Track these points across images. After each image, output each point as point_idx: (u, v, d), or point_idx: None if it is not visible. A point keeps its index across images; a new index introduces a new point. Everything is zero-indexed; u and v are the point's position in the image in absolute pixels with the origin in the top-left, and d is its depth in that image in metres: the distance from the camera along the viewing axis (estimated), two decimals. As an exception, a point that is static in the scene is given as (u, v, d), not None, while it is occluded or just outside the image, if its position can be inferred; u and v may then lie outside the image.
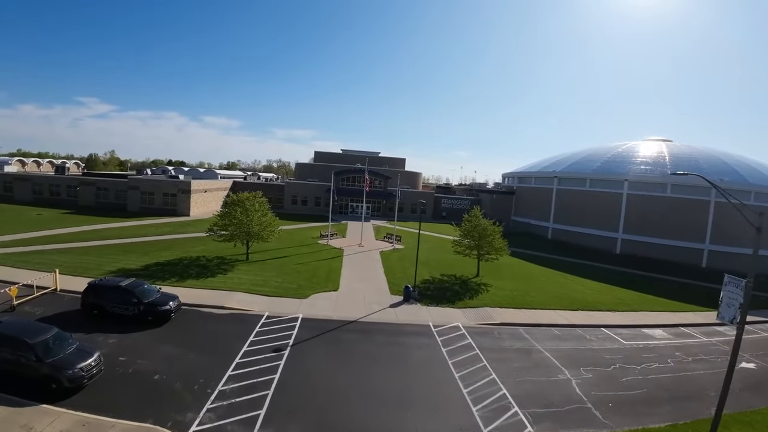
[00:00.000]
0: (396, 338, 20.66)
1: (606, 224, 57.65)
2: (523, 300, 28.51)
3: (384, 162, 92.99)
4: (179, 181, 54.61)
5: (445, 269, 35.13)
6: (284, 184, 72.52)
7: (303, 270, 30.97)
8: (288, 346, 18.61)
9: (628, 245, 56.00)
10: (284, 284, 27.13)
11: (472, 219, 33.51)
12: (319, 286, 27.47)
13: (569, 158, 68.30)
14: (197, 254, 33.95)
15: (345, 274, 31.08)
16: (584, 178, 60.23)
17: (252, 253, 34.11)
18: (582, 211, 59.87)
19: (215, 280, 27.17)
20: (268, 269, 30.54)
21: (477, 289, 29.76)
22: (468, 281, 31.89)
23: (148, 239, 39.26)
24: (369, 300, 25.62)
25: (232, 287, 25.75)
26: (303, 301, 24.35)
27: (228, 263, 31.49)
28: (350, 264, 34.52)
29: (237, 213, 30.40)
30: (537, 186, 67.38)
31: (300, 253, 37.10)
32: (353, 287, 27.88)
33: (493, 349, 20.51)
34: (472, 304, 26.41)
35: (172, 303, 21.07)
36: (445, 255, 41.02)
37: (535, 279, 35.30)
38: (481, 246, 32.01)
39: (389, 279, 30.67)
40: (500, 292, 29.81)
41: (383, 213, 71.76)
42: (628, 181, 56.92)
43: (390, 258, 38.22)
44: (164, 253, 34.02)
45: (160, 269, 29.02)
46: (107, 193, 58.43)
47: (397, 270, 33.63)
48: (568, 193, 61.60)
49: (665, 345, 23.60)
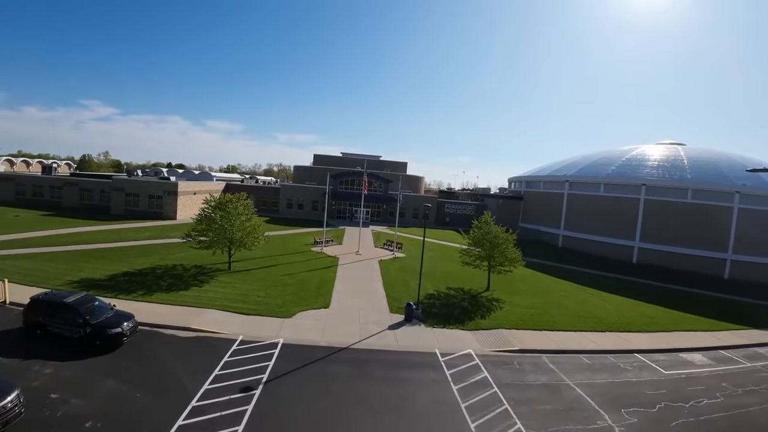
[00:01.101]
0: (396, 372, 16.91)
1: (621, 232, 53.97)
2: (543, 319, 24.79)
3: (385, 165, 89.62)
4: (165, 183, 51.13)
5: (451, 282, 31.43)
6: (279, 187, 69.03)
7: (290, 282, 27.26)
8: (260, 383, 14.90)
9: (645, 254, 52.35)
10: (266, 300, 23.43)
11: (483, 226, 29.83)
12: (307, 302, 23.77)
13: (580, 162, 64.72)
14: (174, 262, 30.37)
15: (338, 287, 27.37)
16: (598, 182, 56.54)
17: (235, 262, 30.48)
18: (595, 217, 56.19)
19: (187, 293, 23.54)
20: (251, 281, 26.86)
21: (489, 306, 26.03)
22: (478, 296, 28.16)
23: (125, 244, 35.75)
24: (365, 319, 21.90)
25: (205, 303, 22.11)
26: (286, 322, 20.62)
27: (206, 273, 27.86)
28: (345, 275, 30.83)
29: (217, 217, 26.83)
30: (546, 191, 63.67)
31: (290, 261, 33.41)
32: (347, 304, 24.18)
33: (515, 385, 16.78)
34: (484, 325, 22.68)
35: (126, 324, 17.48)
36: (450, 265, 37.36)
37: (551, 293, 31.60)
38: (492, 256, 28.29)
39: (389, 293, 26.95)
40: (515, 309, 26.09)
41: (383, 218, 68.12)
42: (645, 186, 53.35)
43: (390, 268, 34.54)
44: (139, 260, 30.49)
45: (128, 280, 25.47)
46: (91, 195, 54.99)
47: (397, 282, 29.93)
48: (581, 199, 57.91)
49: (709, 374, 20.28)
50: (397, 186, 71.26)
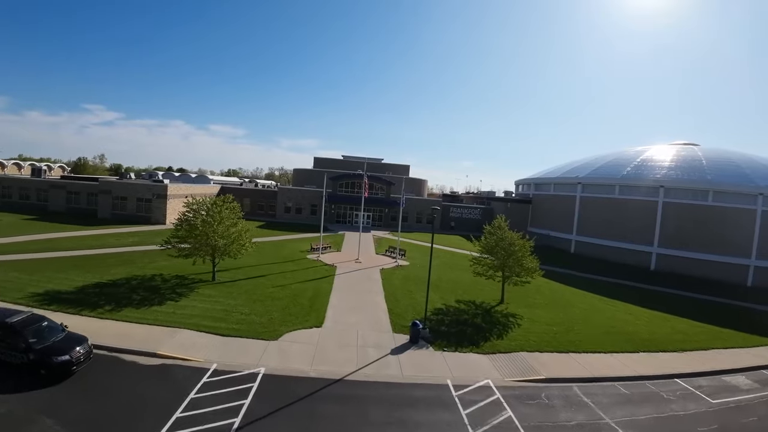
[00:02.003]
0: (400, 411, 13.79)
1: (639, 236, 50.82)
2: (567, 339, 21.70)
3: (387, 168, 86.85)
4: (154, 185, 48.30)
5: (461, 293, 28.35)
6: (276, 191, 66.19)
7: (280, 295, 24.21)
8: (231, 430, 11.88)
9: (664, 261, 49.24)
10: (251, 317, 20.38)
11: (496, 231, 26.78)
12: (298, 319, 20.69)
13: (591, 163, 61.63)
14: (154, 272, 27.48)
15: (334, 301, 24.28)
16: (612, 184, 53.45)
17: (221, 272, 27.55)
18: (610, 221, 53.05)
19: (161, 309, 20.58)
20: (236, 294, 23.83)
21: (505, 324, 22.94)
22: (492, 311, 25.07)
23: (105, 251, 32.94)
24: (363, 342, 18.81)
25: (179, 321, 19.13)
26: (271, 345, 17.57)
27: (187, 285, 24.91)
28: (342, 286, 27.74)
29: (198, 222, 23.91)
30: (557, 193, 60.57)
31: (282, 271, 30.36)
32: (343, 321, 21.10)
33: (546, 426, 13.71)
34: (502, 347, 19.57)
35: (78, 349, 14.60)
36: (458, 274, 34.31)
37: (571, 306, 28.53)
38: (507, 266, 25.21)
39: (391, 308, 23.84)
40: (535, 326, 23.00)
41: (385, 223, 65.11)
42: (663, 188, 50.27)
43: (392, 278, 31.41)
44: (115, 269, 27.65)
45: (97, 292, 22.59)
46: (78, 198, 52.37)
47: (401, 295, 26.83)
48: (594, 202, 54.80)
49: (759, 400, 17.59)
50: (399, 189, 68.34)
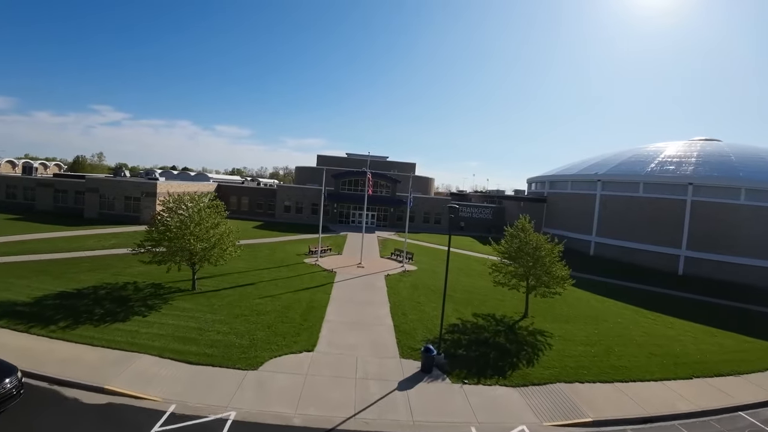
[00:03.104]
0: (411, 479, 10.34)
1: (665, 238, 46.86)
2: (609, 363, 18.04)
3: (392, 167, 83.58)
4: (143, 183, 45.16)
5: (478, 305, 24.72)
6: (276, 189, 62.91)
7: (269, 308, 20.70)
8: None
9: (693, 264, 45.26)
10: (229, 338, 16.90)
11: (519, 233, 23.15)
12: (286, 340, 17.13)
13: (610, 159, 57.65)
14: (128, 279, 24.23)
15: (331, 315, 20.67)
16: (636, 181, 49.48)
17: (204, 279, 24.23)
18: (633, 222, 49.12)
19: (124, 327, 17.24)
20: (216, 307, 20.39)
21: (533, 343, 19.30)
22: (515, 327, 21.42)
23: (80, 255, 29.85)
24: (364, 371, 15.24)
25: (141, 344, 15.76)
26: (249, 377, 14.07)
27: (161, 295, 21.58)
28: (341, 296, 24.13)
29: (172, 223, 20.57)
30: (575, 192, 56.62)
31: (274, 278, 26.89)
32: (340, 343, 17.50)
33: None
34: (535, 377, 15.95)
35: (7, 382, 11.34)
36: (473, 281, 30.68)
37: (603, 319, 24.85)
38: (533, 274, 21.56)
39: (398, 325, 20.16)
40: (569, 347, 19.35)
41: (390, 223, 61.59)
42: (692, 185, 46.27)
43: (399, 286, 27.62)
44: (86, 276, 24.48)
45: (57, 304, 19.35)
46: (66, 197, 49.38)
47: (408, 307, 23.16)
48: (616, 200, 50.86)
49: None
50: (405, 187, 64.67)
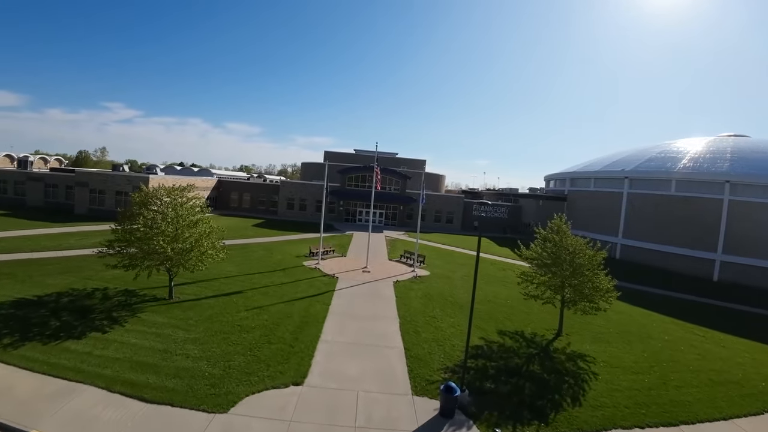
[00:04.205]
0: None
1: (698, 241, 42.78)
2: (669, 398, 14.37)
3: (401, 163, 79.99)
4: (135, 176, 42.31)
5: (501, 318, 21.13)
6: (279, 185, 59.79)
7: (254, 324, 17.33)
8: None
9: (729, 270, 41.13)
10: (199, 364, 13.54)
11: (552, 236, 19.51)
12: (269, 369, 13.67)
13: (638, 155, 53.41)
14: (99, 284, 21.22)
15: (328, 334, 17.14)
16: (668, 178, 45.32)
17: (185, 285, 21.08)
18: (663, 222, 45.02)
19: (76, 347, 14.09)
20: (193, 322, 17.10)
21: (575, 373, 15.69)
22: (550, 349, 17.80)
23: (56, 255, 26.96)
24: (366, 416, 11.70)
25: (89, 371, 12.57)
26: (214, 425, 10.66)
27: (132, 305, 18.44)
28: (342, 309, 20.56)
29: (139, 222, 17.38)
30: (598, 189, 52.52)
31: (267, 284, 23.44)
32: (337, 373, 13.99)
33: None
34: (584, 420, 12.35)
35: None
36: (493, 289, 27.10)
37: (648, 336, 21.14)
38: (573, 286, 17.90)
39: (409, 347, 16.56)
40: (618, 376, 15.71)
41: (400, 222, 58.13)
42: (730, 183, 42.11)
43: (410, 296, 23.85)
44: (54, 279, 21.57)
45: (8, 315, 16.51)
46: (56, 191, 46.93)
47: (422, 323, 19.50)
48: (645, 200, 46.75)
49: None
50: (415, 184, 61.20)
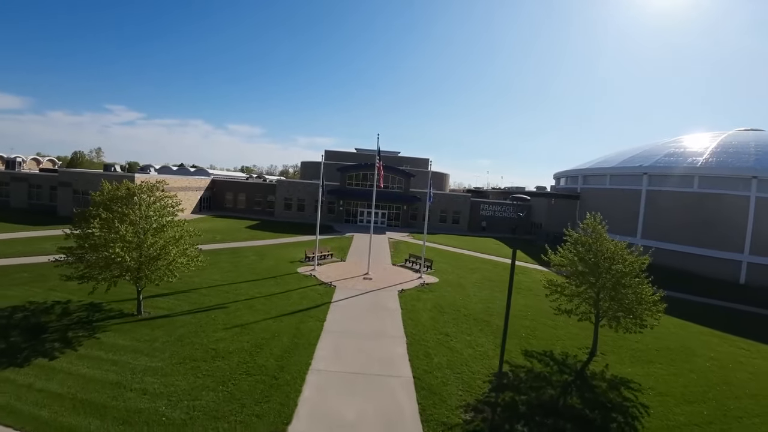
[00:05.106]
0: None
1: (724, 241, 39.88)
2: (742, 438, 11.61)
3: (404, 162, 77.19)
4: (120, 176, 39.66)
5: (524, 335, 18.23)
6: (276, 184, 57.13)
7: (233, 348, 14.46)
8: None
9: (757, 272, 38.32)
10: (156, 404, 10.76)
11: (584, 239, 16.70)
12: (244, 410, 10.84)
13: (655, 150, 50.40)
14: (62, 296, 18.55)
15: (321, 361, 14.19)
16: (690, 174, 42.39)
17: (161, 297, 18.40)
18: (686, 221, 42.05)
19: (15, 377, 11.46)
20: (160, 344, 14.36)
21: (622, 406, 12.81)
22: (585, 373, 14.98)
23: (26, 261, 24.40)
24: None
25: (21, 410, 9.93)
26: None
27: (92, 322, 15.77)
28: (339, 326, 17.63)
29: (94, 225, 14.74)
30: (615, 187, 49.54)
31: (254, 295, 20.58)
32: (330, 414, 11.10)
33: None
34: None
35: None
36: (512, 298, 24.23)
37: (692, 353, 18.29)
38: (614, 298, 15.04)
39: (420, 376, 13.61)
40: (671, 407, 12.86)
41: (404, 222, 55.36)
42: (757, 179, 39.24)
43: (418, 307, 20.83)
44: (15, 291, 19.02)
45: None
46: (41, 192, 44.54)
47: (433, 342, 16.57)
48: (666, 197, 43.80)
49: None
50: (418, 183, 58.42)
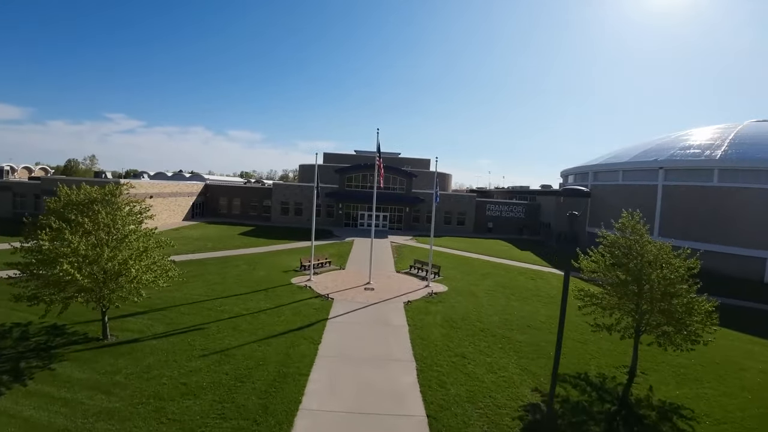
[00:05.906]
0: None
1: (747, 238, 37.50)
2: None
3: (405, 163, 74.89)
4: (104, 182, 37.52)
5: (552, 353, 15.89)
6: (271, 188, 55.00)
7: (208, 382, 12.06)
8: None
9: (785, 270, 35.97)
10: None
11: (623, 240, 14.39)
12: None
13: (669, 144, 48.03)
14: (23, 317, 16.21)
15: (313, 397, 11.72)
16: (709, 168, 40.01)
17: (135, 316, 16.10)
18: (705, 218, 39.64)
19: None
20: (122, 377, 12.03)
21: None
22: (628, 400, 12.58)
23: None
24: None
25: None
26: None
27: (50, 349, 13.46)
28: (336, 349, 15.08)
29: (42, 237, 12.48)
30: (628, 183, 47.12)
31: (240, 312, 18.13)
32: None
33: None
34: None
35: None
36: (528, 305, 22.02)
37: (740, 366, 16.00)
38: (663, 311, 12.68)
39: (435, 417, 11.13)
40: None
41: (406, 225, 53.07)
42: (781, 172, 36.91)
43: (427, 322, 18.31)
44: (-30, 313, 16.63)
45: None
46: (25, 202, 42.45)
47: (447, 367, 14.12)
48: (683, 192, 41.39)
49: None
50: (421, 183, 56.02)
